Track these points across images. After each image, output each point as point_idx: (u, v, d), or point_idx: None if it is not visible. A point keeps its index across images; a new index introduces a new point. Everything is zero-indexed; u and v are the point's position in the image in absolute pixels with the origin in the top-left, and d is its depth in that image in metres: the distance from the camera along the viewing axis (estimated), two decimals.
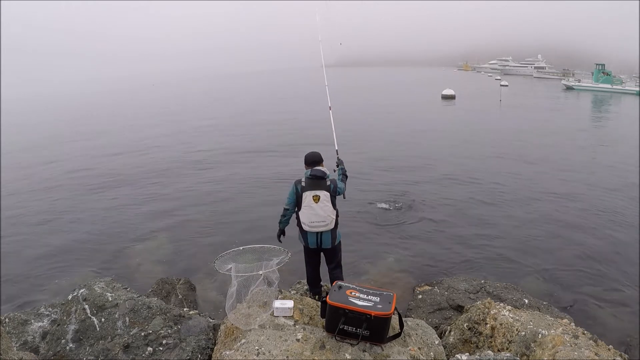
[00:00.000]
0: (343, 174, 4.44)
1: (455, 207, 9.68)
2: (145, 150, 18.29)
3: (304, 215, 3.98)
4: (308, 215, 3.95)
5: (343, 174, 4.43)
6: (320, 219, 3.95)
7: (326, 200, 3.95)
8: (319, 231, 4.01)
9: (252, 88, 64.78)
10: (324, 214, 3.95)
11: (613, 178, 12.06)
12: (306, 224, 3.98)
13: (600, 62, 59.39)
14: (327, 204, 3.96)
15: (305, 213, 3.96)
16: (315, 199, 3.93)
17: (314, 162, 4.09)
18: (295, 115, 27.98)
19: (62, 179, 13.95)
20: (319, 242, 4.07)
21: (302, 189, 3.97)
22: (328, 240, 4.07)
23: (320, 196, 3.93)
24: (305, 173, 4.06)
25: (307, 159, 4.15)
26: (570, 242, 7.78)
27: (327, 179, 4.01)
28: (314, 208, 3.92)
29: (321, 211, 3.93)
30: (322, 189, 3.96)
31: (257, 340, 2.91)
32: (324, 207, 3.94)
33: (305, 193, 3.94)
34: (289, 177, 10.93)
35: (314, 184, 3.96)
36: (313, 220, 3.95)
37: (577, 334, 3.10)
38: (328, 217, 3.97)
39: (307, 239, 4.08)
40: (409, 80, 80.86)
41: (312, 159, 4.12)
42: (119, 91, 75.72)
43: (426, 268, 6.92)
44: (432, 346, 3.07)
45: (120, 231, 8.93)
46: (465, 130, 21.06)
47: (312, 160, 4.11)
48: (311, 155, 4.14)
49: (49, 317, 3.99)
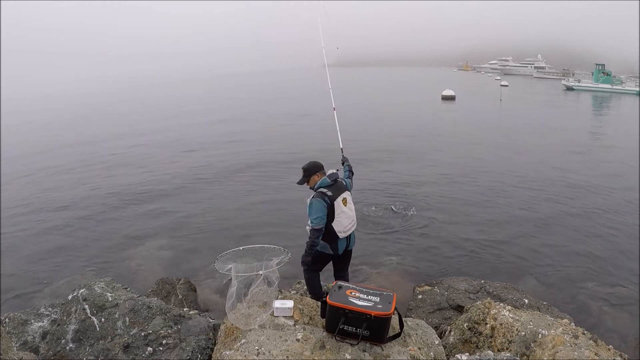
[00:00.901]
0: (350, 170, 4.41)
1: (455, 207, 9.68)
2: (146, 150, 18.29)
3: (339, 224, 3.74)
4: (343, 222, 3.76)
5: (350, 171, 4.40)
6: (351, 219, 3.85)
7: (350, 200, 3.88)
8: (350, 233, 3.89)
9: (255, 87, 64.85)
10: (353, 213, 3.87)
11: (613, 178, 12.08)
12: (342, 231, 3.77)
13: (600, 62, 59.39)
14: (351, 202, 3.89)
15: (340, 221, 3.74)
16: (344, 202, 3.78)
17: (321, 168, 3.96)
18: (301, 116, 28.03)
19: (62, 178, 13.95)
20: (347, 245, 3.93)
21: (331, 199, 3.71)
22: (354, 238, 3.99)
23: (346, 197, 3.83)
24: (323, 182, 3.81)
25: (313, 168, 3.95)
26: (571, 242, 7.78)
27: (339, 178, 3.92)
28: (345, 212, 3.78)
29: (350, 212, 3.84)
30: (344, 189, 3.87)
31: (257, 340, 2.91)
32: (351, 206, 3.87)
33: (336, 201, 3.73)
34: (290, 177, 10.94)
35: (337, 188, 3.81)
36: (347, 224, 3.80)
37: (577, 334, 3.10)
38: (354, 215, 3.91)
39: (338, 246, 3.86)
40: (409, 80, 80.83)
41: (318, 166, 3.97)
42: (119, 91, 75.72)
43: (426, 268, 6.92)
44: (432, 346, 3.07)
45: (120, 231, 8.93)
46: (465, 130, 21.06)
47: (319, 168, 3.95)
48: (315, 164, 3.98)
49: (49, 317, 3.99)
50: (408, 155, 15.53)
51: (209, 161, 15.47)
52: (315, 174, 3.93)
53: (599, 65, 57.69)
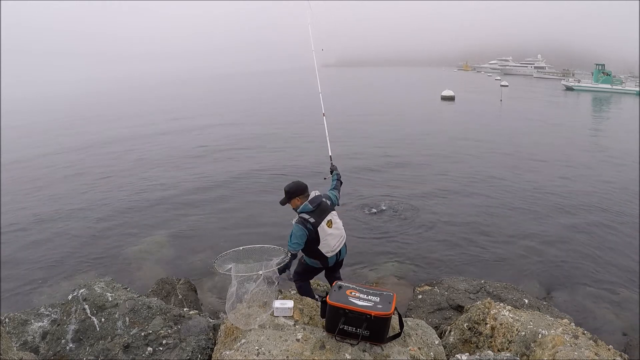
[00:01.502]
0: (338, 179, 4.33)
1: (455, 207, 9.68)
2: (146, 150, 18.29)
3: (326, 246, 3.72)
4: (329, 243, 3.73)
5: (338, 180, 4.32)
6: (339, 238, 3.80)
7: (336, 218, 3.81)
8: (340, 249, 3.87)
9: (254, 87, 64.84)
10: (339, 231, 3.81)
11: (613, 178, 12.08)
12: (330, 251, 3.76)
13: (600, 62, 59.41)
14: (338, 219, 3.81)
15: (327, 243, 3.72)
16: (329, 225, 3.71)
17: (303, 191, 3.82)
18: (299, 117, 28.04)
19: (61, 178, 13.96)
20: (338, 258, 3.93)
21: (314, 225, 3.65)
22: (345, 250, 3.98)
23: (331, 219, 3.74)
24: (304, 207, 3.71)
25: (295, 191, 3.81)
26: (570, 242, 7.78)
27: (324, 199, 3.79)
28: (332, 233, 3.73)
29: (337, 231, 3.79)
30: (329, 211, 3.76)
31: (257, 340, 2.91)
32: (338, 225, 3.79)
33: (320, 226, 3.67)
34: (290, 178, 10.91)
35: (321, 213, 3.71)
36: (334, 244, 3.77)
37: (577, 334, 3.10)
38: (343, 231, 3.85)
39: (328, 261, 3.87)
40: (409, 80, 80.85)
41: (300, 188, 3.82)
42: (119, 91, 75.77)
43: (426, 268, 6.92)
44: (432, 346, 3.07)
45: (120, 231, 8.93)
46: (465, 130, 21.05)
47: (301, 190, 3.82)
48: (298, 185, 3.84)
49: (49, 317, 3.99)
50: (406, 155, 15.52)
51: (209, 161, 15.48)
52: (296, 198, 3.83)
53: (598, 65, 57.72)
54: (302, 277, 4.12)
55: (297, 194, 3.82)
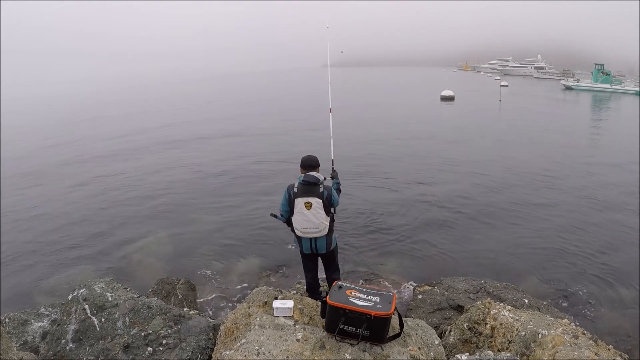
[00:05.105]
0: (337, 188, 4.32)
1: (455, 207, 9.68)
2: (146, 150, 18.29)
3: (296, 222, 3.87)
4: (300, 222, 3.85)
5: (337, 189, 4.30)
6: (312, 225, 3.84)
7: (318, 207, 3.81)
8: (312, 237, 3.92)
9: (255, 88, 64.87)
10: (317, 220, 3.83)
11: (613, 178, 12.07)
12: (299, 229, 3.88)
13: (599, 62, 59.38)
14: (320, 211, 3.82)
15: (297, 219, 3.85)
16: (307, 206, 3.79)
17: (309, 167, 3.94)
18: (300, 116, 28.06)
19: (61, 178, 13.95)
20: (313, 248, 3.98)
21: (294, 195, 3.83)
22: (323, 246, 3.99)
23: (312, 203, 3.79)
24: (299, 178, 3.90)
25: (303, 163, 4.02)
26: (570, 242, 7.78)
27: (320, 185, 3.85)
28: (306, 215, 3.81)
29: (313, 218, 3.82)
30: (315, 195, 3.81)
31: (257, 340, 2.91)
32: (317, 214, 3.81)
33: (297, 200, 3.81)
34: (291, 176, 10.93)
35: (306, 190, 3.82)
36: (305, 226, 3.85)
37: (577, 334, 3.10)
38: (321, 224, 3.85)
39: (302, 244, 4.00)
40: (408, 80, 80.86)
41: (307, 162, 3.97)
42: (119, 91, 75.79)
43: (426, 268, 6.92)
44: (432, 346, 3.07)
45: (120, 231, 8.93)
46: (464, 130, 21.06)
47: (307, 165, 3.96)
48: (307, 159, 4.00)
49: (49, 317, 3.99)
50: (406, 156, 15.51)
51: (209, 162, 15.48)
52: (302, 168, 4.01)
53: (598, 65, 57.69)
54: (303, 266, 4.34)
55: (303, 166, 4.01)
